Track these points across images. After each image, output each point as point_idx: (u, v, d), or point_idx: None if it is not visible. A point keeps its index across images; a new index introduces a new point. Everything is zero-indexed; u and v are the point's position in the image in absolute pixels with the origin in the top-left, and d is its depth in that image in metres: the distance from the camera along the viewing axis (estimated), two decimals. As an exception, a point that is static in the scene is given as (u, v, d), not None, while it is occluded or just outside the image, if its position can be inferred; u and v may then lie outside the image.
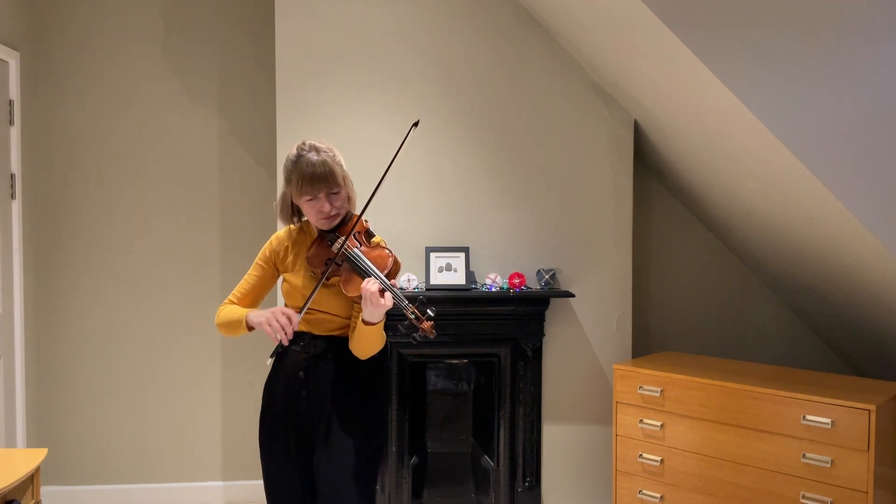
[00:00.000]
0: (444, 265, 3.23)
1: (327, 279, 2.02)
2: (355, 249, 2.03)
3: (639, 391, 3.05)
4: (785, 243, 3.09)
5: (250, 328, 2.08)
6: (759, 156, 2.57)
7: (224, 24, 3.64)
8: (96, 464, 3.63)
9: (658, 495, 3.02)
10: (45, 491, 3.53)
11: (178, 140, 3.63)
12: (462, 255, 3.24)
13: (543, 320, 3.33)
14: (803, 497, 2.62)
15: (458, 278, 3.22)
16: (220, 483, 3.70)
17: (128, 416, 3.64)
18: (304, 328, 2.09)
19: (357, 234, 2.08)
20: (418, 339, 1.93)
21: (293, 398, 2.10)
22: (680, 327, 3.78)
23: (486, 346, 3.33)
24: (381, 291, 1.90)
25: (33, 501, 2.10)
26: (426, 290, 3.20)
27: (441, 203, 3.33)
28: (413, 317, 1.92)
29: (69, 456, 3.61)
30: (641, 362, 3.21)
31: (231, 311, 2.14)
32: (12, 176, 3.30)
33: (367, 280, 1.93)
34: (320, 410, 2.07)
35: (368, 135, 3.27)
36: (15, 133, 3.31)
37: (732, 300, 3.79)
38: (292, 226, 2.19)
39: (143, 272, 3.63)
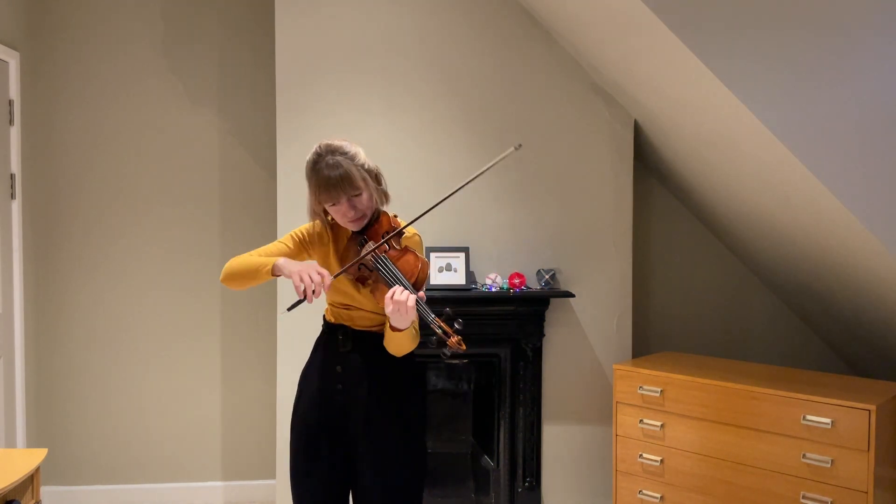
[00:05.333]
0: (444, 265, 3.24)
1: (361, 282, 1.99)
2: (383, 256, 1.96)
3: (639, 391, 3.05)
4: (785, 243, 3.09)
5: (275, 275, 1.95)
6: (759, 156, 2.57)
7: (224, 25, 3.64)
8: (96, 464, 3.63)
9: (658, 495, 3.02)
10: (45, 491, 3.53)
11: (178, 140, 3.63)
12: (462, 255, 3.24)
13: (543, 320, 3.33)
14: (803, 497, 2.62)
15: (458, 278, 3.22)
16: (220, 483, 3.70)
17: (128, 416, 3.64)
18: (343, 321, 2.07)
19: (387, 237, 2.00)
20: (447, 354, 1.82)
21: (329, 390, 2.07)
22: (680, 327, 3.78)
23: (486, 347, 3.33)
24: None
25: (33, 501, 2.10)
26: (426, 290, 3.20)
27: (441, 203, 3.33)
28: (440, 331, 1.83)
29: (69, 456, 3.61)
30: (641, 362, 3.21)
31: (250, 257, 2.02)
32: (12, 176, 3.30)
33: (392, 289, 1.85)
34: (356, 406, 2.04)
35: (368, 135, 3.27)
36: (15, 133, 3.31)
37: (732, 300, 3.79)
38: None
39: (143, 272, 3.63)
